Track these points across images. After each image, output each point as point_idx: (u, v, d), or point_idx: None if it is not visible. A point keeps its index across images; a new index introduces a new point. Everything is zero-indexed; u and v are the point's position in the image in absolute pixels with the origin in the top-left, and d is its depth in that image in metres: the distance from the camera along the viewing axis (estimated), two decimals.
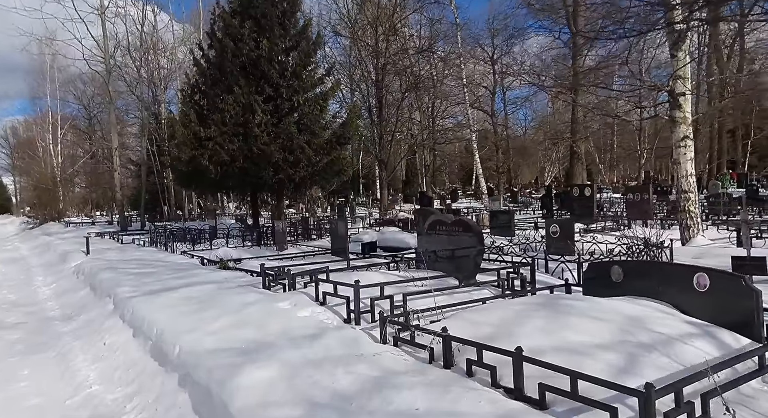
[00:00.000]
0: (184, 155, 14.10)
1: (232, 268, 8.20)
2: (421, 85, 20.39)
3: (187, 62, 29.74)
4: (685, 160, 9.14)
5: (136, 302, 6.65)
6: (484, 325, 3.66)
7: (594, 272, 4.53)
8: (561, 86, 37.04)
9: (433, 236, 6.36)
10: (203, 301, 5.91)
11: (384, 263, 7.55)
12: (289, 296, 5.24)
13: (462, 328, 3.61)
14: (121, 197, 21.98)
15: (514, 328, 3.49)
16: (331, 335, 4.05)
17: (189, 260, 10.07)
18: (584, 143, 37.89)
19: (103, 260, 11.10)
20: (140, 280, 8.04)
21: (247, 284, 6.61)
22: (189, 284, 7.17)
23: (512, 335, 3.36)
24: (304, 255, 9.76)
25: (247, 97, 13.68)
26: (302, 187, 15.41)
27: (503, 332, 3.44)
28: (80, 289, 9.44)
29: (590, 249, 7.98)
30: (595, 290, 4.40)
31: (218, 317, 5.03)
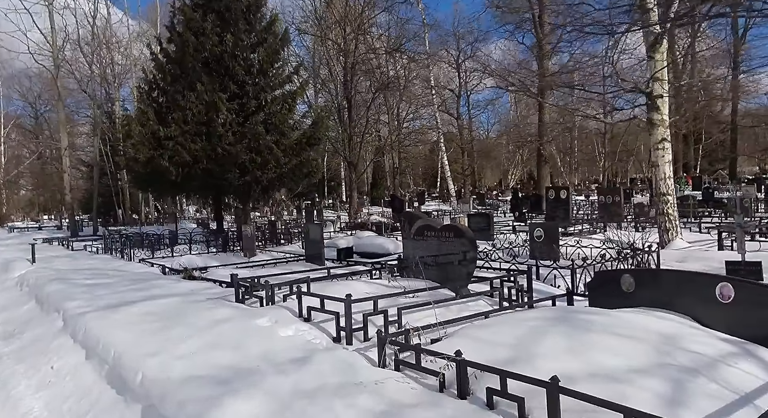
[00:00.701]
0: (142, 156, 13.19)
1: (198, 278, 7.54)
2: (392, 85, 20.04)
3: (143, 59, 28.29)
4: (664, 162, 9.15)
5: (90, 318, 5.92)
6: (496, 345, 3.27)
7: (601, 281, 4.25)
8: (528, 89, 37.65)
9: (421, 241, 5.97)
10: (168, 317, 5.27)
11: (364, 270, 7.09)
12: (267, 311, 4.70)
13: (472, 348, 3.21)
14: (71, 200, 20.52)
15: (533, 348, 3.12)
16: (321, 359, 3.56)
17: (149, 269, 9.28)
18: (549, 146, 38.69)
19: (51, 269, 10.11)
20: (94, 292, 7.26)
21: (217, 297, 6.00)
22: (150, 296, 6.47)
23: (533, 357, 2.98)
24: (275, 262, 9.17)
25: (210, 95, 12.93)
26: (270, 190, 14.75)
27: (522, 354, 3.06)
28: (24, 302, 8.50)
29: (574, 254, 7.81)
30: (603, 300, 4.11)
31: (187, 338, 4.44)
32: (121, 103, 28.69)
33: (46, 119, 50.45)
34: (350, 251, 9.25)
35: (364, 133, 19.95)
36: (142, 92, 15.43)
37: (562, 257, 7.72)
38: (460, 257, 5.38)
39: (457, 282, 5.32)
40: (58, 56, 19.36)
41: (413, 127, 24.95)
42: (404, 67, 20.24)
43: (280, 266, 8.95)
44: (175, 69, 14.13)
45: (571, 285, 5.87)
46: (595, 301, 4.22)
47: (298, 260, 9.34)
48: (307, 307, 4.44)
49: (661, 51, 9.19)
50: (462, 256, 5.37)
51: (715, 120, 39.12)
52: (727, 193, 29.00)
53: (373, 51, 19.34)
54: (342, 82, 19.81)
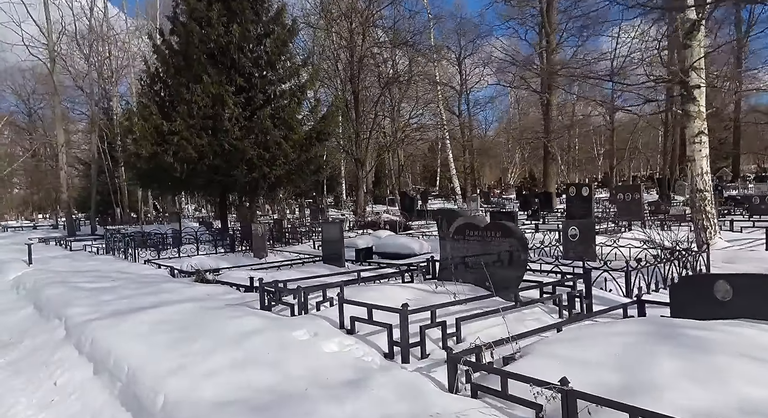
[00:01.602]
0: (145, 151, 12.59)
1: (212, 281, 6.98)
2: (401, 79, 19.48)
3: (142, 52, 27.61)
4: (701, 157, 8.65)
5: (97, 327, 5.36)
6: (592, 367, 2.74)
7: (689, 287, 3.72)
8: (530, 85, 37.25)
9: (461, 241, 5.43)
10: (186, 327, 4.72)
11: (393, 272, 6.55)
12: (303, 321, 4.15)
13: (561, 371, 2.69)
14: (67, 199, 19.85)
15: (643, 373, 2.59)
16: (380, 381, 3.02)
17: (155, 271, 8.71)
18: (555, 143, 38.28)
19: (49, 271, 9.52)
20: (98, 297, 6.69)
21: (237, 303, 5.45)
22: (162, 302, 5.91)
23: (650, 386, 2.45)
24: (291, 263, 8.61)
25: (217, 88, 12.33)
26: (277, 187, 14.18)
27: (632, 381, 2.53)
28: (21, 307, 7.90)
29: (610, 254, 7.30)
30: (692, 310, 3.59)
31: (212, 352, 3.89)
32: (119, 98, 27.96)
33: (39, 116, 49.64)
34: (370, 252, 8.71)
35: (372, 129, 19.39)
36: (144, 85, 14.81)
37: (597, 258, 7.22)
38: (509, 259, 4.86)
39: (504, 286, 4.80)
40: (54, 49, 18.67)
41: (417, 125, 24.34)
42: (411, 62, 19.69)
43: (296, 267, 8.40)
44: (179, 61, 13.51)
45: (626, 290, 5.36)
46: (681, 311, 3.70)
47: (315, 262, 8.79)
48: (350, 317, 3.89)
49: (698, 38, 8.68)
50: (512, 258, 4.85)
51: (718, 118, 38.76)
52: (735, 191, 28.66)
53: (380, 44, 18.75)
54: (348, 77, 19.24)
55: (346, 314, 3.99)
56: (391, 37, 19.60)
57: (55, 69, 18.84)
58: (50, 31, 18.54)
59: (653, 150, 49.29)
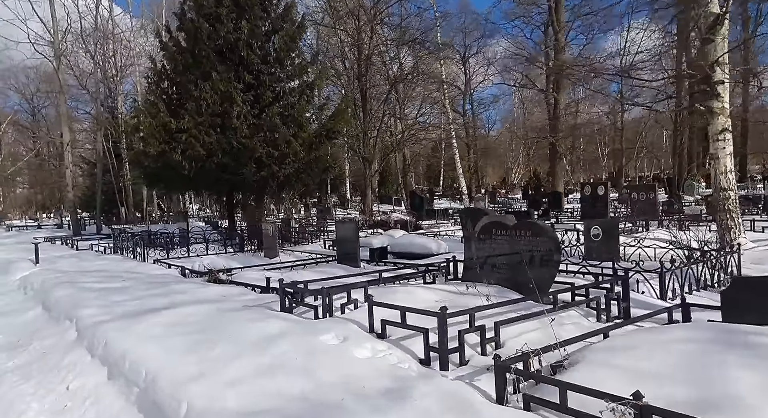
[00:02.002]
0: (153, 149, 12.41)
1: (226, 281, 6.78)
2: (410, 77, 19.27)
3: (148, 50, 27.45)
4: (725, 154, 8.42)
5: (109, 329, 5.17)
6: (656, 378, 2.53)
7: (744, 290, 3.50)
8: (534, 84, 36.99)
9: (488, 241, 5.22)
10: (204, 330, 4.52)
11: (413, 273, 6.34)
12: (329, 324, 3.95)
13: (621, 381, 2.48)
14: (73, 198, 19.69)
15: (717, 386, 2.38)
16: (421, 391, 2.81)
17: (166, 271, 8.52)
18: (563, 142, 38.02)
19: (57, 270, 9.33)
20: (109, 298, 6.50)
21: (255, 305, 5.25)
22: (176, 303, 5.72)
23: (730, 402, 2.24)
24: (304, 264, 8.41)
25: (226, 85, 12.14)
26: (286, 186, 13.98)
27: (708, 396, 2.32)
28: (29, 308, 7.72)
29: (634, 254, 7.08)
30: (747, 315, 3.37)
31: (236, 357, 3.68)
32: (123, 97, 27.82)
33: (43, 116, 49.68)
34: (384, 252, 8.50)
35: (380, 127, 19.18)
36: (151, 83, 14.65)
37: (620, 258, 7.00)
38: (541, 260, 4.64)
39: (539, 289, 4.58)
40: (60, 47, 18.52)
41: (427, 124, 24.13)
42: (419, 60, 19.47)
43: (310, 268, 8.20)
44: (187, 58, 13.33)
45: (660, 292, 5.14)
46: (734, 315, 3.48)
47: (328, 262, 8.59)
48: (381, 320, 3.68)
49: (721, 33, 8.45)
50: (544, 258, 4.63)
51: None
52: (743, 191, 28.35)
53: (389, 42, 18.53)
54: (355, 76, 19.04)
55: (375, 316, 3.78)
56: (398, 35, 19.38)
57: (60, 67, 18.67)
58: (56, 28, 18.38)
59: (657, 150, 49.00)
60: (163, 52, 14.58)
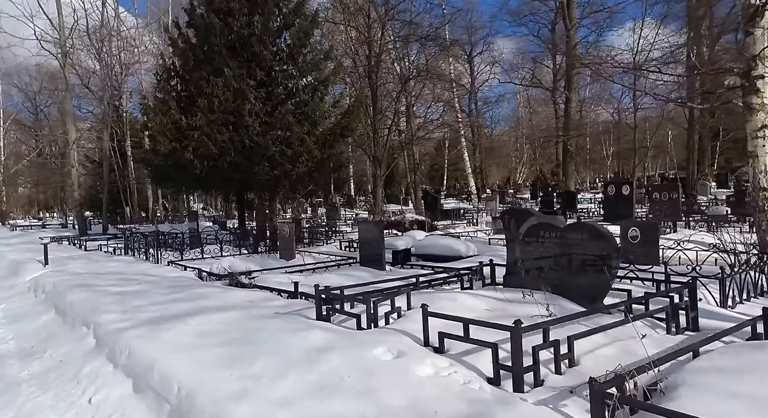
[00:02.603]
0: (163, 147, 12.10)
1: (248, 285, 6.46)
2: (421, 74, 18.93)
3: (152, 49, 27.16)
4: (764, 152, 8.05)
5: (132, 337, 4.86)
6: None
7: None
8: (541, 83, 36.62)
9: (534, 244, 4.90)
10: (238, 340, 4.20)
11: (445, 276, 6.02)
12: (378, 336, 3.62)
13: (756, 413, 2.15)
14: (79, 197, 19.41)
15: None
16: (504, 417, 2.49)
17: (181, 273, 8.21)
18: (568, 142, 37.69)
19: (68, 272, 9.03)
20: (128, 302, 6.18)
21: (286, 312, 4.93)
22: (200, 309, 5.40)
23: None
24: (326, 266, 8.09)
25: (239, 81, 11.82)
26: (298, 185, 13.66)
27: None
28: (42, 312, 7.41)
29: (674, 257, 6.76)
30: None
31: (279, 374, 3.36)
32: (129, 95, 27.55)
33: (45, 115, 49.50)
34: (408, 254, 8.18)
35: (391, 125, 18.85)
36: (160, 80, 14.33)
37: (660, 261, 6.68)
38: (598, 265, 4.32)
39: (594, 297, 4.27)
40: (66, 44, 18.21)
41: (438, 122, 23.80)
42: (430, 57, 19.15)
43: (332, 270, 7.89)
44: (198, 54, 13.02)
45: (720, 300, 4.81)
46: None
47: (351, 264, 8.27)
48: (439, 333, 3.36)
49: (761, 25, 8.10)
50: (601, 263, 4.31)
51: (733, 115, 37.96)
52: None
53: (400, 39, 18.19)
54: (366, 73, 18.71)
55: (432, 326, 3.45)
56: (410, 31, 19.04)
57: (66, 64, 18.37)
58: (62, 25, 18.08)
59: (660, 149, 48.70)
60: (173, 48, 14.26)
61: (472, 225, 14.65)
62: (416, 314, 4.12)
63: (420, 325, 3.65)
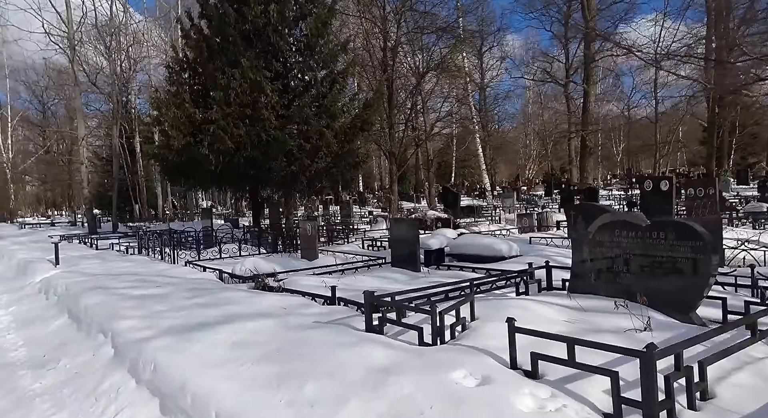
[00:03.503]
0: (177, 142, 11.61)
1: (277, 289, 5.94)
2: (440, 67, 18.32)
3: (161, 44, 26.72)
4: None
5: (157, 348, 4.34)
6: None
7: None
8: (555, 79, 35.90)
9: (608, 245, 4.34)
10: (281, 355, 3.67)
11: (492, 280, 5.46)
12: (451, 354, 3.08)
13: None
14: (89, 194, 18.99)
15: None
16: None
17: (201, 275, 7.70)
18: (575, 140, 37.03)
19: (81, 273, 8.55)
20: (148, 307, 5.68)
21: (328, 321, 4.40)
22: (229, 316, 4.88)
23: None
24: (355, 267, 7.55)
25: (255, 73, 11.30)
26: (316, 182, 13.13)
27: None
28: (53, 317, 6.94)
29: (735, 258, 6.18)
30: None
31: (342, 400, 2.83)
32: (137, 91, 27.13)
33: (53, 113, 49.38)
34: (442, 253, 7.63)
35: (408, 120, 18.26)
36: (172, 72, 13.82)
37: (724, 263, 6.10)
38: (692, 269, 3.76)
39: (686, 306, 3.71)
40: (74, 37, 17.76)
41: (446, 117, 23.18)
42: (449, 49, 18.50)
43: (362, 272, 7.35)
44: (213, 45, 12.51)
45: None
46: None
47: (381, 265, 7.73)
48: (531, 354, 2.81)
49: None
50: (693, 267, 3.75)
51: (749, 112, 37.04)
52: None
53: (416, 31, 17.57)
54: (381, 66, 18.14)
55: (493, 340, 2.91)
56: (427, 23, 18.44)
57: (75, 58, 17.93)
58: (70, 18, 17.63)
59: (675, 146, 47.85)
60: (185, 40, 13.76)
61: (494, 222, 14.08)
62: (485, 327, 3.58)
63: (497, 341, 3.12)
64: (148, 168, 27.52)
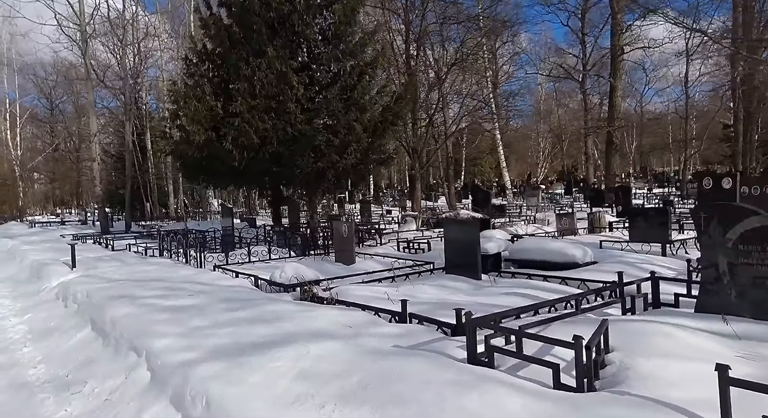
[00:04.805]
0: (198, 137, 10.91)
1: (330, 300, 5.21)
2: (467, 60, 17.54)
3: (173, 43, 26.09)
4: None
5: (206, 377, 3.62)
6: None
7: None
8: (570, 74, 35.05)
9: (757, 254, 3.58)
10: (370, 394, 2.94)
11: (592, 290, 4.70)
12: (626, 411, 2.33)
13: None
14: (101, 192, 18.38)
15: None
16: None
17: (233, 281, 6.99)
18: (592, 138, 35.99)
19: (100, 278, 7.87)
20: (185, 322, 4.97)
21: (412, 345, 3.66)
22: (285, 336, 4.16)
23: None
24: (405, 274, 6.80)
25: (282, 63, 10.57)
26: (342, 179, 12.40)
27: None
28: (75, 328, 6.24)
29: None
30: None
31: None
32: (148, 87, 26.49)
33: (61, 111, 49.15)
34: (499, 259, 6.89)
35: (432, 114, 17.49)
36: (190, 65, 13.13)
37: None
38: None
39: None
40: (86, 29, 17.11)
41: (469, 113, 22.35)
42: (471, 40, 17.73)
43: (413, 279, 6.61)
44: (234, 34, 11.79)
45: None
46: None
47: (432, 271, 6.98)
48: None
49: None
50: None
51: None
52: None
53: (443, 20, 16.79)
54: (404, 57, 17.37)
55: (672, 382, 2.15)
56: (448, 14, 17.65)
57: (87, 51, 17.29)
58: (82, 10, 16.98)
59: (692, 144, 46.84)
60: (204, 30, 13.04)
61: (530, 223, 13.30)
62: (637, 364, 2.79)
63: (683, 391, 2.37)
64: (159, 166, 26.90)
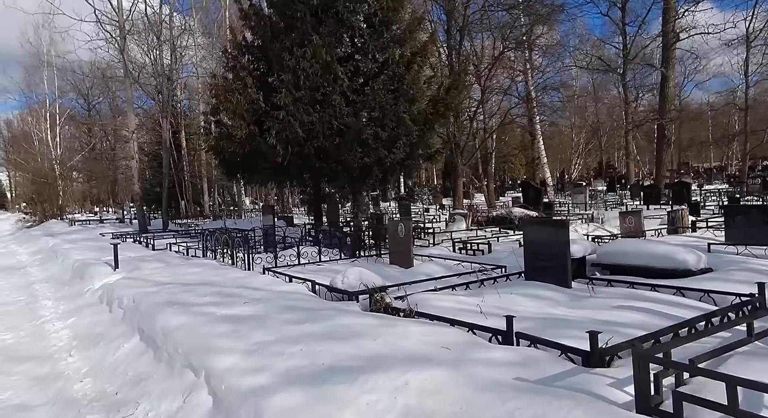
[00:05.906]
0: (239, 132, 10.41)
1: (409, 312, 4.53)
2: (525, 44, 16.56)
3: (205, 42, 25.94)
4: None
5: (286, 409, 2.99)
6: None
7: None
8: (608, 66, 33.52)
9: None
10: None
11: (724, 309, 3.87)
12: None
13: None
14: (140, 191, 18.25)
15: None
16: None
17: (287, 286, 6.40)
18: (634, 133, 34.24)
19: (145, 280, 7.42)
20: (248, 336, 4.37)
21: (536, 379, 2.94)
22: (371, 358, 3.50)
23: None
24: (480, 281, 6.06)
25: (328, 52, 9.96)
26: (389, 175, 11.73)
27: None
28: (121, 336, 5.74)
29: None
30: None
31: None
32: (183, 86, 26.43)
33: (98, 111, 50.44)
34: (584, 263, 6.08)
35: (477, 107, 16.63)
36: (230, 58, 12.67)
37: None
38: None
39: None
40: (124, 26, 16.95)
41: (512, 106, 21.39)
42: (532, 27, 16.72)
43: (488, 285, 5.87)
44: (276, 23, 11.26)
45: None
46: None
47: (509, 277, 6.22)
48: None
49: None
50: None
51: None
52: None
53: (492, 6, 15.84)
54: (446, 50, 16.56)
55: None
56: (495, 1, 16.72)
57: (125, 48, 17.13)
58: (120, 6, 16.83)
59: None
60: (244, 21, 12.55)
61: (589, 222, 12.33)
62: None
63: None
64: (193, 164, 26.86)
